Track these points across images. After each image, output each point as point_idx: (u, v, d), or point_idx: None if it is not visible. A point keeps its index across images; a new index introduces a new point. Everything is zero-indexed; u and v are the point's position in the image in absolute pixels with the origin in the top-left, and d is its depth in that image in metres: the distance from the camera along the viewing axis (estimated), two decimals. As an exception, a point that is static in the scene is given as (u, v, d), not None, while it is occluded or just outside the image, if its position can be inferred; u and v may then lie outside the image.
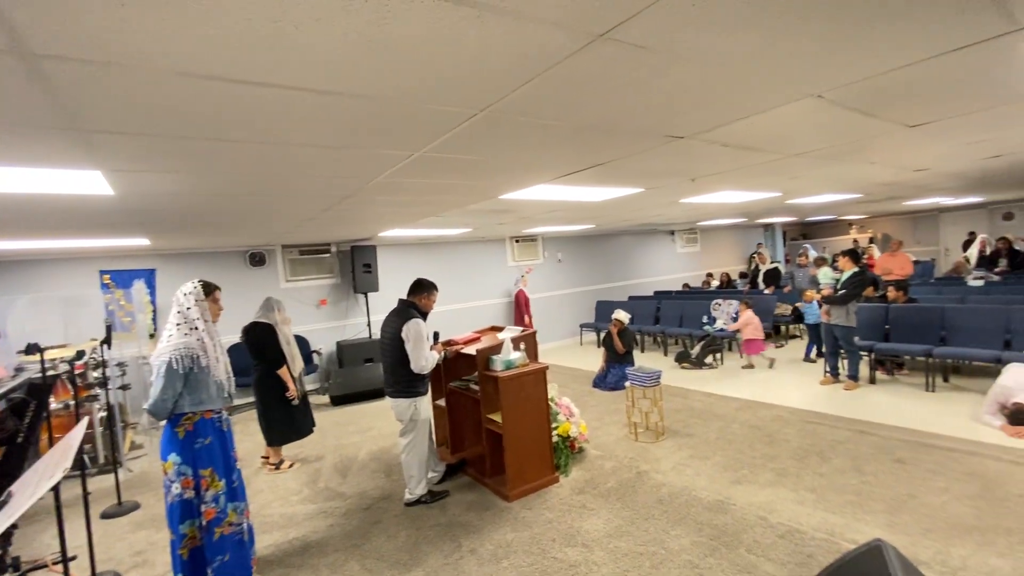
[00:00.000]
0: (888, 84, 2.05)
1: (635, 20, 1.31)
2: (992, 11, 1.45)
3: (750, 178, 4.38)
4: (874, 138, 3.13)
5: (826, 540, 2.78)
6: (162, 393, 2.45)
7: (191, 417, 2.54)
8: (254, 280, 6.98)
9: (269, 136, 2.03)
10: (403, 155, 2.52)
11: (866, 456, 3.80)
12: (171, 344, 2.52)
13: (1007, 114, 2.80)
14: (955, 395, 5.09)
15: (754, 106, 2.17)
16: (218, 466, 2.60)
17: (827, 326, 5.70)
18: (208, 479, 2.55)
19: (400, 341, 3.34)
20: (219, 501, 2.58)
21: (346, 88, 1.59)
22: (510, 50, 1.42)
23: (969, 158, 4.38)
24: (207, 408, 2.58)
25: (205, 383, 2.57)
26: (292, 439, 4.40)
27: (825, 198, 7.10)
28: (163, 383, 2.45)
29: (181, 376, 2.49)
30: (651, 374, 4.58)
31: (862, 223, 16.04)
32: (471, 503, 3.56)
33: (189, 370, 2.51)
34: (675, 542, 2.87)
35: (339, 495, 3.86)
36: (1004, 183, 7.17)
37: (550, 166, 3.12)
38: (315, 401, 6.86)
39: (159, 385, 2.46)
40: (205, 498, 2.54)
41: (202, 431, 2.56)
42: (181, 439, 2.52)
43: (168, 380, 2.46)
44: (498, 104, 1.87)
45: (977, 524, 2.82)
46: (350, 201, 3.74)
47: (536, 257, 9.97)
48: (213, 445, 2.59)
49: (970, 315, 5.44)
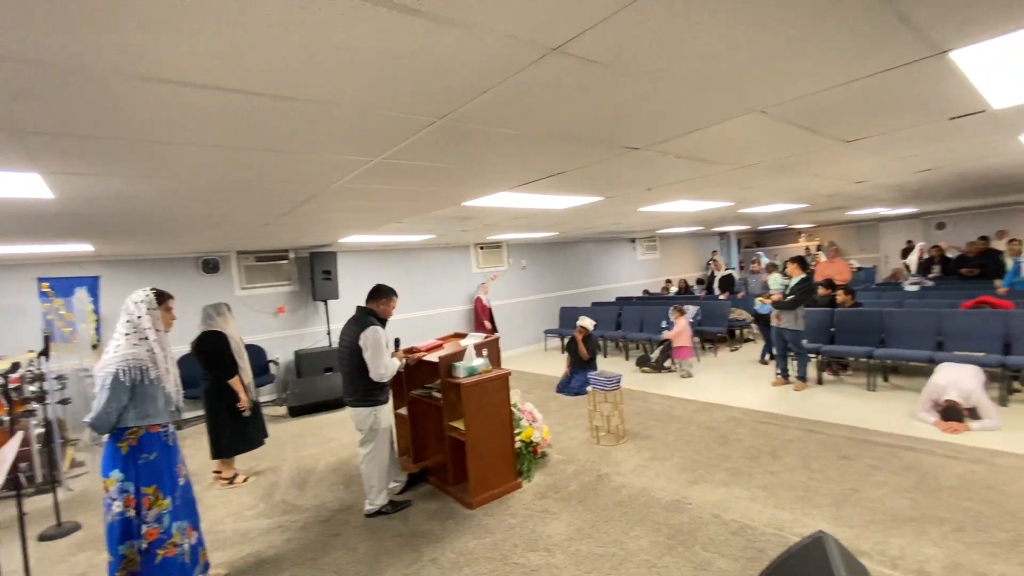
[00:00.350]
0: (825, 102, 2.19)
1: (587, 35, 1.36)
2: (912, 37, 1.58)
3: (704, 188, 4.55)
4: (816, 152, 3.32)
5: (776, 535, 2.89)
6: (106, 406, 2.35)
7: (135, 431, 2.44)
8: (207, 288, 6.72)
9: (221, 140, 1.98)
10: (361, 161, 2.50)
11: (814, 454, 3.99)
12: (119, 355, 2.42)
13: (933, 131, 3.02)
14: (894, 394, 5.41)
15: (702, 120, 2.27)
16: (163, 483, 2.49)
17: (777, 330, 5.96)
18: (151, 497, 2.44)
19: (358, 349, 3.29)
20: (163, 521, 2.46)
21: (299, 94, 1.58)
22: (465, 61, 1.44)
23: (902, 171, 4.70)
24: (153, 422, 2.48)
25: (153, 396, 2.48)
26: (242, 450, 4.24)
27: (775, 208, 7.44)
28: (108, 395, 2.35)
29: (127, 388, 2.40)
30: (612, 378, 4.67)
31: (810, 231, 16.87)
32: (433, 512, 3.53)
33: (137, 382, 2.42)
34: (634, 542, 2.93)
35: (296, 508, 3.75)
36: (936, 195, 7.71)
37: (511, 174, 3.16)
38: (272, 412, 6.66)
39: (103, 397, 2.36)
40: (147, 518, 2.42)
41: (147, 446, 2.46)
42: (124, 454, 2.41)
43: (114, 392, 2.36)
44: (456, 113, 1.89)
45: (913, 515, 3.01)
46: (308, 206, 3.67)
47: (501, 264, 10.00)
48: (158, 461, 2.49)
49: (907, 318, 5.81)
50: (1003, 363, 4.72)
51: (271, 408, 6.92)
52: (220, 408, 4.05)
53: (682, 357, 7.03)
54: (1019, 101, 2.48)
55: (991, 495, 3.14)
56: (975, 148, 3.75)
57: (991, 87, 2.21)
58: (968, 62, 1.86)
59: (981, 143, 3.56)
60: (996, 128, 3.07)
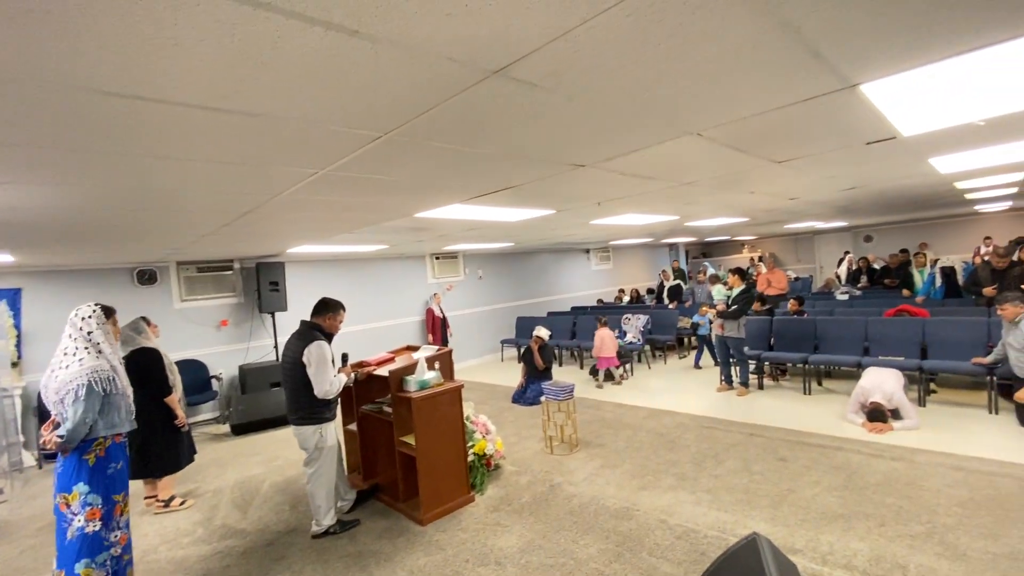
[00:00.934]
0: (755, 127, 2.34)
1: (525, 60, 1.40)
2: (826, 72, 1.72)
3: (650, 203, 4.73)
4: (751, 171, 3.52)
5: (718, 537, 3.01)
6: (83, 416, 2.43)
7: (102, 442, 2.54)
8: (143, 300, 6.34)
9: (154, 150, 1.89)
10: (306, 173, 2.45)
11: (754, 456, 4.18)
12: (85, 367, 2.51)
13: (852, 155, 3.28)
14: (827, 397, 5.75)
15: (642, 141, 2.37)
16: (127, 492, 2.64)
17: (720, 338, 6.23)
18: (122, 504, 2.59)
19: (302, 365, 3.19)
20: (129, 528, 2.65)
21: (236, 106, 1.54)
22: (406, 80, 1.46)
23: (830, 190, 5.05)
24: (118, 431, 2.60)
25: (118, 406, 2.60)
26: (172, 471, 4.01)
27: (718, 221, 7.80)
28: (85, 405, 2.44)
29: (100, 398, 2.51)
30: (565, 388, 4.73)
31: (753, 243, 17.76)
32: (383, 530, 3.45)
33: (107, 392, 2.54)
34: (584, 551, 2.97)
35: (238, 532, 3.58)
36: (863, 210, 8.31)
37: (462, 188, 3.18)
38: (214, 431, 6.34)
39: (80, 408, 2.43)
40: (120, 524, 2.57)
41: (114, 455, 2.58)
42: (92, 466, 2.49)
43: (89, 402, 2.46)
44: (401, 129, 1.89)
45: (842, 512, 3.20)
46: (251, 217, 3.55)
47: (457, 274, 9.97)
48: (123, 469, 2.63)
49: (837, 326, 6.21)
50: (920, 367, 5.11)
51: (212, 427, 6.58)
52: (155, 425, 3.84)
53: (603, 366, 7.27)
54: (925, 129, 2.74)
55: (910, 490, 3.39)
56: (891, 170, 4.09)
57: (899, 117, 2.43)
58: (877, 94, 2.04)
59: (896, 165, 3.88)
60: (908, 152, 3.36)
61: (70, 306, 2.85)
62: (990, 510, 3.05)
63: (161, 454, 3.89)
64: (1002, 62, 1.76)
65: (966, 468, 3.63)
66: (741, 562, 2.05)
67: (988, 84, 2.02)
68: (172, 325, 6.55)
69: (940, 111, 2.39)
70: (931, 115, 2.45)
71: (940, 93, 2.09)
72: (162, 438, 3.87)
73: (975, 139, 3.11)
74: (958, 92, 2.10)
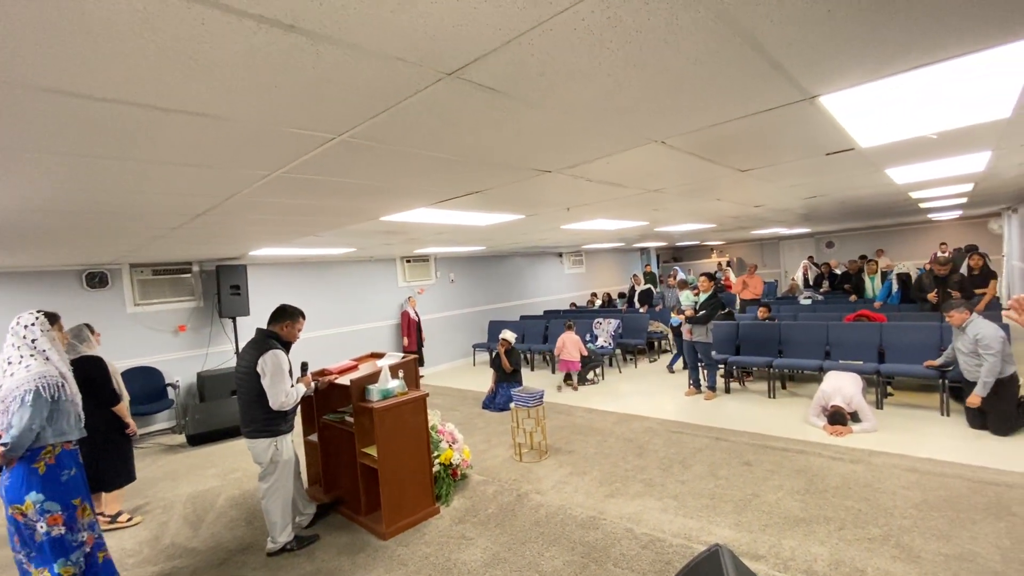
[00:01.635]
0: (718, 135, 2.33)
1: (481, 63, 1.34)
2: (786, 83, 1.72)
3: (618, 209, 4.73)
4: (716, 179, 3.55)
5: (683, 545, 3.00)
6: (29, 422, 2.39)
7: (50, 450, 2.50)
8: (93, 304, 6.02)
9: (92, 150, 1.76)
10: (259, 175, 2.33)
11: (720, 461, 4.22)
12: (32, 373, 2.47)
13: (813, 165, 3.33)
14: (791, 400, 5.88)
15: (606, 148, 2.34)
16: (85, 495, 2.62)
17: (689, 343, 6.30)
18: (81, 508, 2.57)
19: (256, 375, 3.05)
20: (95, 528, 2.64)
21: (177, 106, 1.43)
22: (354, 81, 1.38)
23: (792, 198, 5.16)
24: (68, 439, 2.56)
25: (66, 413, 2.56)
26: (122, 483, 3.81)
27: (687, 227, 7.91)
28: (31, 412, 2.40)
29: (48, 404, 2.47)
30: (534, 394, 4.69)
31: (721, 248, 18.16)
32: (343, 546, 3.33)
33: (55, 399, 2.50)
34: (549, 564, 2.92)
35: (188, 552, 3.39)
36: (824, 218, 8.56)
37: (427, 192, 3.10)
38: (169, 442, 6.06)
39: (26, 414, 2.39)
40: (82, 527, 2.57)
41: (65, 463, 2.54)
42: (42, 475, 2.46)
43: (36, 409, 2.42)
44: (355, 130, 1.81)
45: (803, 516, 3.24)
46: (207, 219, 3.39)
47: (429, 278, 9.84)
48: (77, 476, 2.59)
49: (800, 330, 6.35)
50: (878, 370, 5.27)
51: (167, 436, 6.29)
52: (104, 438, 3.63)
53: (563, 369, 7.38)
54: (882, 141, 2.80)
55: (868, 493, 3.46)
56: (850, 179, 4.19)
57: (858, 129, 2.47)
58: (836, 106, 2.06)
59: (855, 175, 3.98)
60: (865, 163, 3.44)
61: (12, 312, 2.76)
62: (942, 511, 3.14)
63: (112, 465, 3.70)
64: (954, 78, 1.79)
65: (920, 470, 3.73)
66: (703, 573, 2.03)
67: (941, 99, 2.07)
68: (125, 331, 6.25)
69: (896, 124, 2.44)
70: (887, 128, 2.50)
71: (896, 107, 2.13)
72: (111, 449, 3.68)
73: (928, 151, 3.21)
74: (913, 106, 2.14)
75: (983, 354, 4.29)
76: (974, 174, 4.46)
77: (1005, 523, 2.96)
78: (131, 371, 6.08)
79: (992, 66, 1.72)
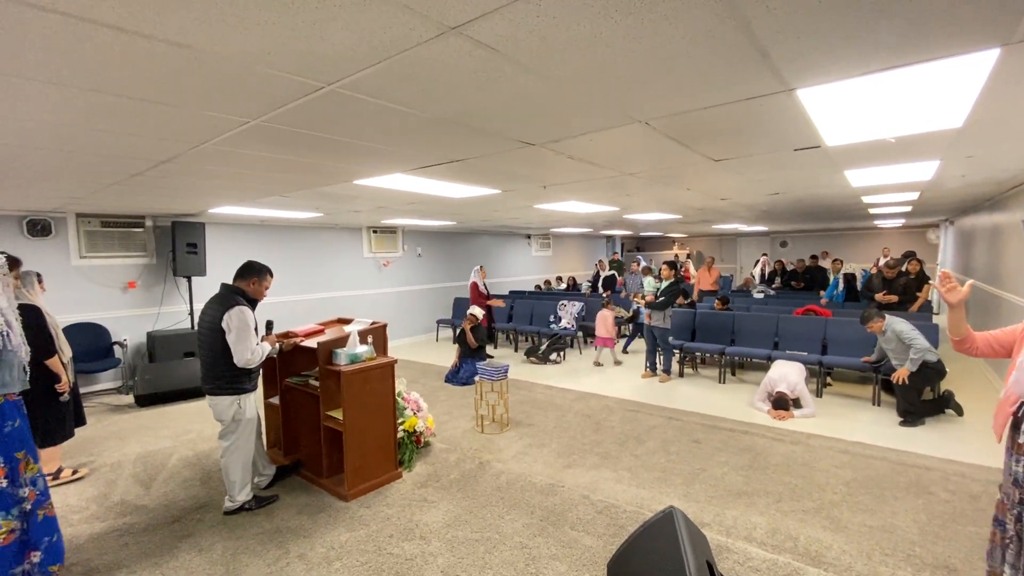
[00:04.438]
0: (697, 120, 2.42)
1: (486, 19, 1.35)
2: (769, 73, 1.80)
3: (592, 191, 4.81)
4: (689, 167, 3.67)
5: (636, 512, 3.17)
6: None
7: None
8: (34, 253, 5.62)
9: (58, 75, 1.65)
10: (236, 121, 2.25)
11: (672, 438, 4.44)
12: None
13: (780, 159, 3.49)
14: (739, 386, 6.20)
15: (592, 125, 2.39)
16: (31, 448, 2.52)
17: (648, 327, 6.52)
18: (24, 462, 2.47)
19: (220, 331, 2.97)
20: (37, 483, 2.52)
21: (151, 31, 1.37)
22: (358, 24, 1.36)
23: (756, 193, 5.38)
24: (10, 390, 2.46)
25: (10, 364, 2.45)
26: (59, 440, 3.63)
27: (654, 216, 8.11)
28: None
29: None
30: (499, 369, 4.76)
31: (683, 241, 18.70)
32: (303, 506, 3.33)
33: None
34: (509, 526, 3.03)
35: (138, 509, 3.31)
36: (781, 216, 8.96)
37: (406, 156, 3.06)
38: (115, 402, 5.81)
39: None
40: (24, 481, 2.46)
41: (9, 414, 2.44)
42: None
43: None
44: (346, 81, 1.78)
45: (746, 490, 3.47)
46: (169, 167, 3.23)
47: (395, 250, 9.70)
48: (22, 427, 2.49)
49: (752, 322, 6.69)
50: (820, 361, 5.63)
51: (113, 396, 6.03)
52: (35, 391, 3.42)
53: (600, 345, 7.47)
54: (846, 141, 2.97)
55: (805, 471, 3.73)
56: (812, 178, 4.41)
57: (826, 126, 2.61)
58: (811, 101, 2.18)
59: (816, 174, 4.19)
60: (827, 162, 3.63)
61: (-54, 257, 2.53)
62: (868, 489, 3.43)
63: (45, 422, 3.49)
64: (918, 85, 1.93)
65: (851, 452, 4.05)
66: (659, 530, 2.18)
67: (903, 104, 2.22)
68: (68, 284, 5.90)
69: (860, 125, 2.59)
70: (852, 128, 2.66)
71: (863, 108, 2.27)
72: (45, 404, 3.47)
73: (885, 156, 3.42)
74: (878, 109, 2.29)
75: (910, 344, 4.69)
76: (922, 182, 4.79)
77: (923, 500, 3.27)
78: (74, 326, 5.76)
79: (952, 75, 1.87)
